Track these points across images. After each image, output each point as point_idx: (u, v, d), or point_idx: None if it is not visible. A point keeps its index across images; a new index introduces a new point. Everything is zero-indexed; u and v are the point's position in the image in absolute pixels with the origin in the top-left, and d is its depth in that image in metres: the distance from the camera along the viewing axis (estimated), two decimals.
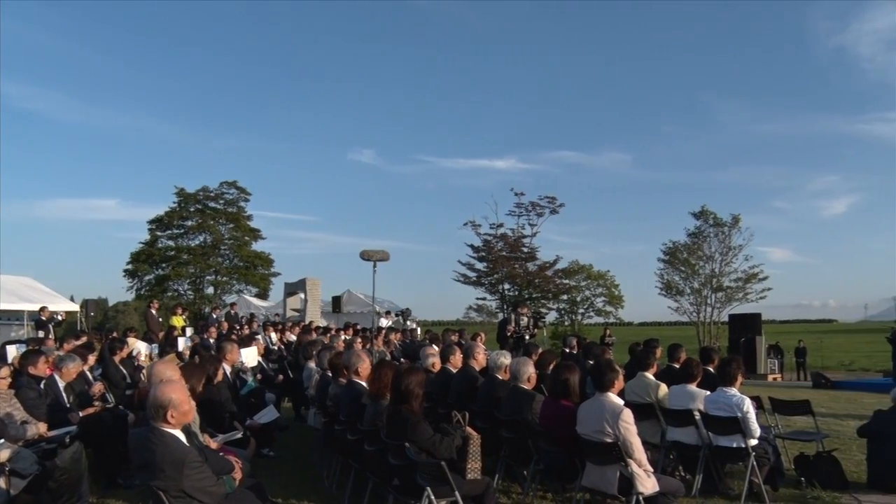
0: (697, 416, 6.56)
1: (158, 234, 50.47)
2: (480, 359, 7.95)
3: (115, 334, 16.07)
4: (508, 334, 14.94)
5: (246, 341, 11.76)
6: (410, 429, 4.94)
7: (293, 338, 16.72)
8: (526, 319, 15.32)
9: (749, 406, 6.35)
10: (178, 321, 19.45)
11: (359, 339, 14.09)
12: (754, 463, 6.29)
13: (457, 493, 4.87)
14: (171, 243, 50.49)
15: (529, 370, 6.46)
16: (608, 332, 24.59)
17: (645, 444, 5.56)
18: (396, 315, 25.54)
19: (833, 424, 10.91)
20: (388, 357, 13.19)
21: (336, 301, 28.71)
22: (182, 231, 50.58)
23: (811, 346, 33.37)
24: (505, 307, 34.38)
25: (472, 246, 36.21)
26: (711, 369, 7.67)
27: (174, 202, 49.88)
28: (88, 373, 8.65)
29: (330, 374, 7.55)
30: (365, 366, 6.64)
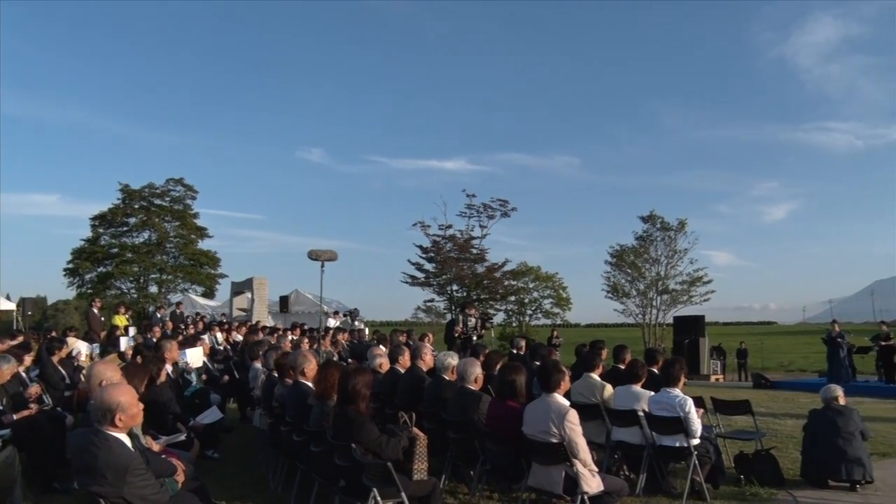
0: (642, 416, 6.67)
1: (101, 231, 49.10)
2: (428, 359, 7.96)
3: (53, 333, 15.67)
4: (456, 335, 14.96)
5: (191, 341, 11.58)
6: (357, 430, 4.92)
7: (240, 338, 16.53)
8: (474, 320, 15.36)
9: (691, 406, 6.48)
10: (120, 320, 19.01)
11: (306, 340, 13.98)
12: (696, 462, 6.42)
13: (403, 494, 4.87)
14: (114, 241, 49.32)
15: (476, 371, 6.48)
16: (556, 333, 24.81)
17: (590, 444, 5.63)
18: (344, 315, 25.41)
19: (771, 423, 11.19)
20: (336, 357, 13.10)
21: (283, 301, 28.46)
22: (126, 228, 49.28)
23: (752, 348, 34.12)
24: (453, 308, 34.45)
25: (420, 247, 36.22)
26: (656, 370, 7.81)
27: (118, 199, 48.59)
28: (24, 374, 8.39)
29: (276, 375, 7.47)
30: (311, 366, 6.59)
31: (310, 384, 6.37)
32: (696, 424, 6.44)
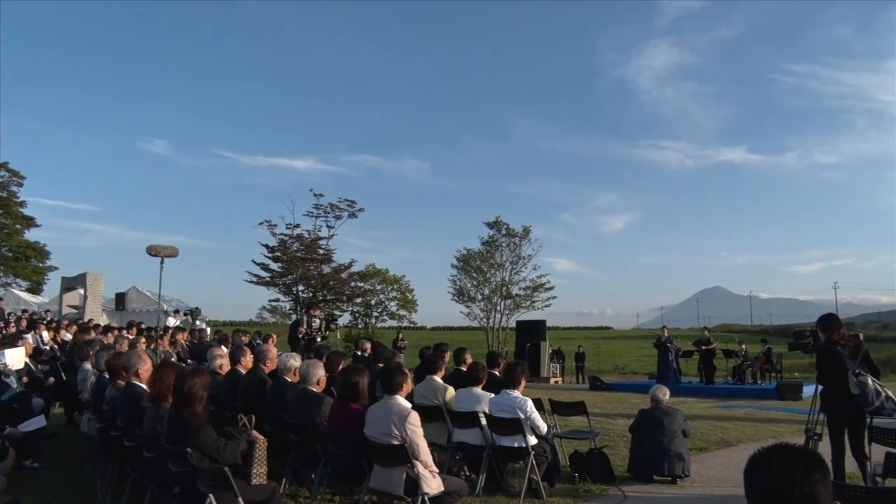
0: (482, 417, 6.82)
1: None
2: (271, 361, 7.80)
3: None
4: (300, 336, 14.75)
5: (11, 340, 10.79)
6: (193, 433, 4.75)
7: (69, 337, 15.54)
8: (318, 321, 15.21)
9: (531, 406, 6.72)
10: None
11: (143, 339, 13.37)
12: (533, 461, 6.65)
13: (240, 499, 4.74)
14: None
15: (319, 373, 6.43)
16: (401, 335, 24.92)
17: (432, 445, 5.72)
18: (185, 314, 24.45)
19: (605, 423, 11.76)
20: (175, 358, 12.61)
21: (120, 298, 27.17)
22: None
23: (589, 352, 35.69)
24: (298, 309, 33.88)
25: (266, 246, 35.35)
26: (497, 373, 8.01)
27: None
28: None
29: (107, 376, 7.10)
30: (146, 367, 6.30)
31: (144, 386, 6.08)
32: (541, 422, 6.74)
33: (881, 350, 52.44)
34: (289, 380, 6.92)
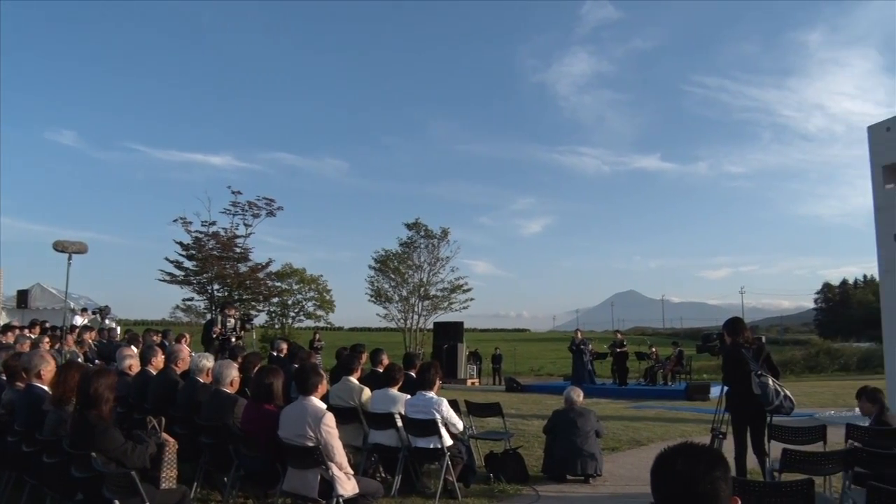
0: (398, 419, 6.80)
1: None
2: (183, 361, 7.59)
3: None
4: (214, 336, 14.40)
5: None
6: (98, 437, 4.57)
7: None
8: (233, 321, 14.87)
9: (447, 407, 6.74)
10: None
11: (46, 339, 12.82)
12: (449, 462, 6.67)
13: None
14: None
15: (232, 374, 6.29)
16: (318, 336, 24.69)
17: (347, 447, 5.67)
18: (93, 313, 23.58)
19: (520, 424, 11.89)
20: (81, 358, 12.13)
21: (22, 296, 26.02)
22: None
23: (506, 354, 36.11)
24: (213, 308, 33.14)
25: (181, 243, 34.46)
26: (413, 374, 8.00)
27: None
28: None
29: (5, 378, 6.77)
30: (49, 368, 6.02)
31: (46, 388, 5.82)
32: (457, 419, 6.77)
33: (782, 352, 54.82)
34: (201, 381, 6.74)
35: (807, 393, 20.59)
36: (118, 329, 21.92)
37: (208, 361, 6.85)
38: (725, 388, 7.38)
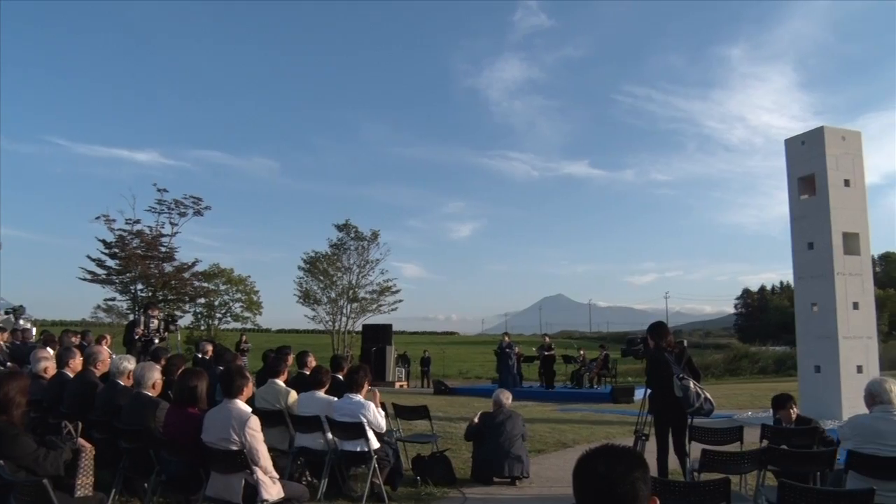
0: (325, 422, 6.73)
1: None
2: (103, 364, 7.35)
3: None
4: (137, 337, 14.04)
5: None
6: (8, 443, 4.37)
7: None
8: (157, 322, 14.52)
9: (373, 408, 6.70)
10: None
11: None
12: (376, 465, 6.63)
13: None
14: None
15: (155, 376, 6.12)
16: (244, 338, 24.31)
17: (273, 450, 5.58)
18: (7, 312, 22.70)
19: (447, 427, 11.90)
20: None
21: None
22: None
23: (435, 356, 36.17)
24: (136, 308, 32.28)
25: (103, 241, 33.46)
26: (340, 376, 7.93)
27: None
28: None
29: None
30: None
31: None
32: (381, 420, 6.73)
33: (704, 355, 56.49)
34: (122, 383, 6.54)
35: (726, 395, 21.23)
36: (33, 330, 21.13)
37: (129, 363, 6.65)
38: (648, 391, 7.54)
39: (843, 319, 13.70)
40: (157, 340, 13.99)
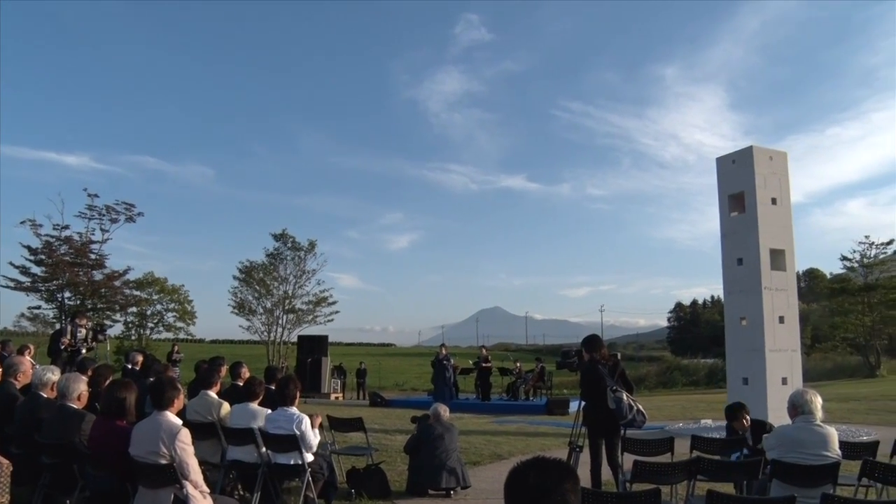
0: (258, 434, 6.62)
1: None
2: (24, 375, 7.09)
3: None
4: (62, 347, 13.60)
5: None
6: None
7: None
8: (84, 332, 14.09)
9: (307, 423, 6.60)
10: None
11: None
12: (309, 478, 6.54)
13: None
14: None
15: (80, 387, 5.92)
16: (177, 348, 23.79)
17: (204, 464, 5.46)
18: None
19: (383, 439, 11.84)
20: None
21: None
22: None
23: (371, 368, 36.07)
24: (63, 317, 31.29)
25: (28, 247, 32.35)
26: (274, 388, 7.82)
27: None
28: None
29: None
30: None
31: None
32: (312, 439, 6.60)
33: (637, 368, 57.58)
34: (45, 395, 6.31)
35: (658, 407, 21.61)
36: None
37: (53, 375, 6.42)
38: (583, 403, 7.63)
39: (769, 333, 14.10)
40: (84, 350, 13.58)
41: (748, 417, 7.46)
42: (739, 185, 15.09)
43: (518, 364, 26.83)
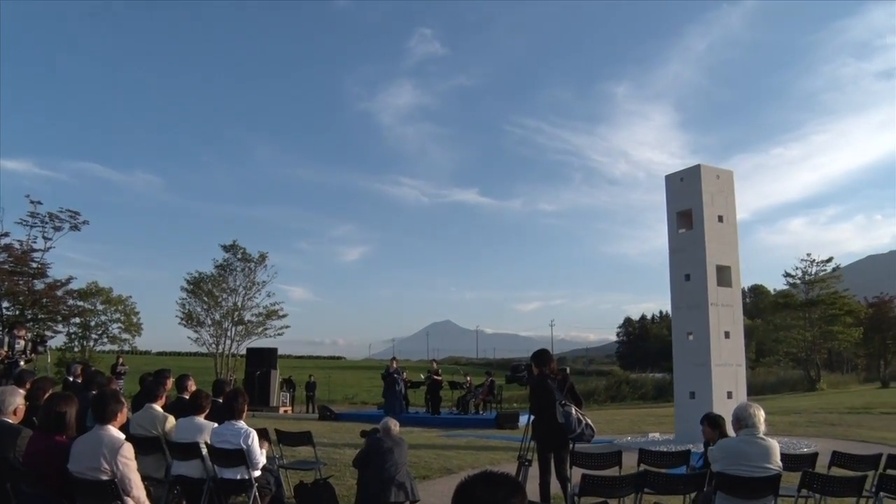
0: (203, 448, 6.48)
1: None
2: None
3: None
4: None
5: None
6: None
7: None
8: (23, 343, 13.67)
9: (254, 438, 6.48)
10: None
11: None
12: (256, 494, 6.41)
13: None
14: None
15: (16, 401, 5.71)
16: (121, 360, 23.25)
17: (148, 479, 5.31)
18: None
19: (332, 453, 11.71)
20: None
21: None
22: None
23: (320, 381, 35.72)
24: (1, 328, 30.42)
25: None
26: (222, 401, 7.68)
27: None
28: None
29: None
30: None
31: None
32: (258, 457, 6.47)
33: (587, 382, 58.07)
34: None
35: (607, 420, 21.81)
36: None
37: None
38: (532, 417, 7.64)
39: (715, 348, 14.35)
40: (22, 363, 13.17)
41: (725, 430, 7.51)
42: (687, 202, 15.36)
43: (468, 378, 26.84)
